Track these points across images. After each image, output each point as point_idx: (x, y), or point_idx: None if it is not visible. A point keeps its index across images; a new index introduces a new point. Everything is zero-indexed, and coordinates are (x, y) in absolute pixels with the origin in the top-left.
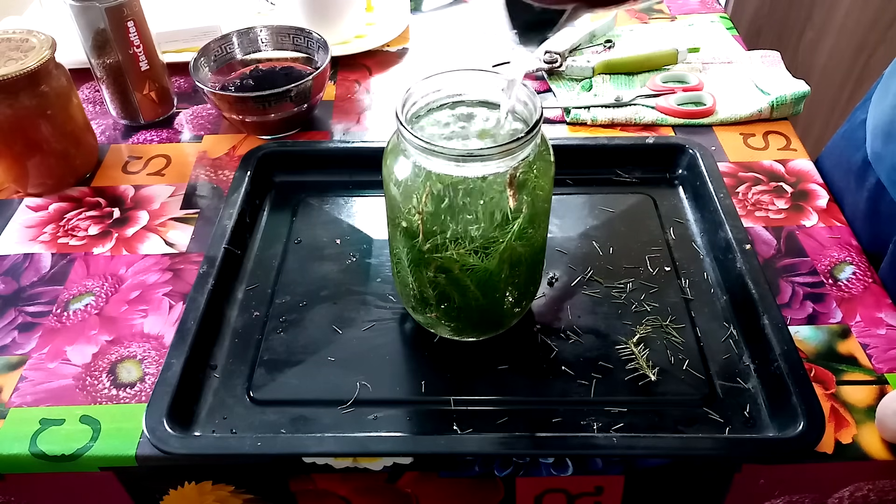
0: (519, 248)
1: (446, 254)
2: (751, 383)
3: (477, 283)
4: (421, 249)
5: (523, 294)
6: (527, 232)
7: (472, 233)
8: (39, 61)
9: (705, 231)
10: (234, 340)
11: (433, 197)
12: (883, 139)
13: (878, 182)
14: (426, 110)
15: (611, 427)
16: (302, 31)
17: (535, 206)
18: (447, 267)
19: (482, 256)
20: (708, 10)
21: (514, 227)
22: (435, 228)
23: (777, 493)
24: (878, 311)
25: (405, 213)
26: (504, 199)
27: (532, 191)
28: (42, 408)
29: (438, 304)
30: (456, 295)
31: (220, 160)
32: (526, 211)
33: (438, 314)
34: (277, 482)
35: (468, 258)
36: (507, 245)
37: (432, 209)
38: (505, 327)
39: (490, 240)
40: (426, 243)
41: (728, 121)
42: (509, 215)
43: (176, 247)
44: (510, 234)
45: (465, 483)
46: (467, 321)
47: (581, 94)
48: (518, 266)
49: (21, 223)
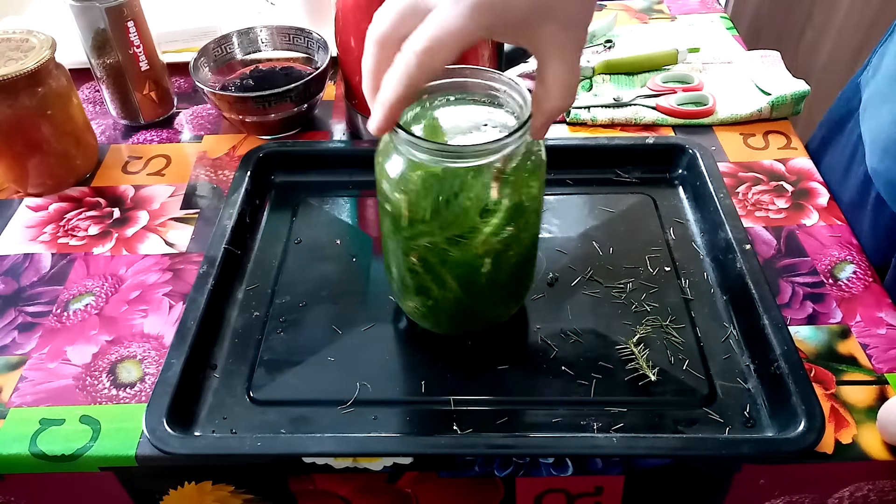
0: (497, 244)
1: (421, 241)
2: (751, 383)
3: (453, 275)
4: (402, 235)
5: (507, 295)
6: (505, 228)
7: (450, 223)
8: (39, 61)
9: (705, 231)
10: (234, 340)
11: (416, 182)
12: (879, 156)
13: (878, 196)
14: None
15: (611, 427)
16: (302, 31)
17: (518, 204)
18: (423, 255)
19: (459, 248)
20: (708, 10)
21: (491, 221)
22: (417, 215)
23: (777, 493)
24: (879, 311)
25: (389, 196)
26: (486, 194)
27: (515, 188)
28: (42, 408)
29: (416, 293)
30: (434, 286)
31: (220, 160)
32: (506, 206)
33: (416, 304)
34: (277, 482)
35: (444, 246)
36: (484, 239)
37: (415, 194)
38: (480, 327)
39: (467, 231)
40: (407, 230)
41: (728, 121)
42: (490, 207)
43: (176, 247)
44: (488, 227)
45: (465, 483)
46: (444, 314)
47: (581, 94)
48: (499, 264)
49: (21, 223)
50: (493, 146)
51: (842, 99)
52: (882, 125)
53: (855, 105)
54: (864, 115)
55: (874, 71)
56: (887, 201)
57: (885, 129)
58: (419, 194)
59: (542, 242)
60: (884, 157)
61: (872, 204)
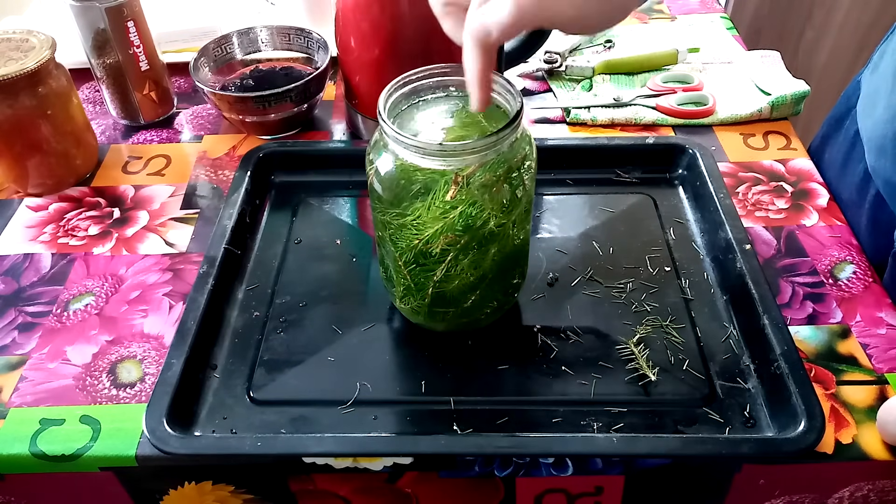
0: (463, 238)
1: (389, 231)
2: (751, 383)
3: (415, 264)
4: (388, 231)
5: (489, 294)
6: (474, 224)
7: (423, 216)
8: (39, 61)
9: (705, 231)
10: (234, 340)
11: (398, 177)
12: (876, 153)
13: (877, 193)
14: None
15: (611, 427)
16: (302, 31)
17: (493, 203)
18: (400, 245)
19: (428, 240)
20: (708, 10)
21: (456, 214)
22: (396, 204)
23: (777, 493)
24: (879, 311)
25: (372, 181)
26: (469, 191)
27: (494, 186)
28: (42, 408)
29: (404, 288)
30: (408, 276)
31: (220, 160)
32: (480, 203)
33: (399, 294)
34: (277, 482)
35: (411, 233)
36: (457, 236)
37: (397, 188)
38: (450, 326)
39: (438, 223)
40: (386, 215)
41: (728, 121)
42: (461, 199)
43: (176, 247)
44: (452, 220)
45: (465, 483)
46: (423, 308)
47: (581, 94)
48: (477, 258)
49: (21, 223)
50: (475, 145)
51: (843, 96)
52: (878, 123)
53: (854, 102)
54: (861, 113)
55: (873, 68)
56: (886, 199)
57: (880, 127)
58: (402, 189)
59: (542, 242)
60: (880, 155)
61: (871, 201)
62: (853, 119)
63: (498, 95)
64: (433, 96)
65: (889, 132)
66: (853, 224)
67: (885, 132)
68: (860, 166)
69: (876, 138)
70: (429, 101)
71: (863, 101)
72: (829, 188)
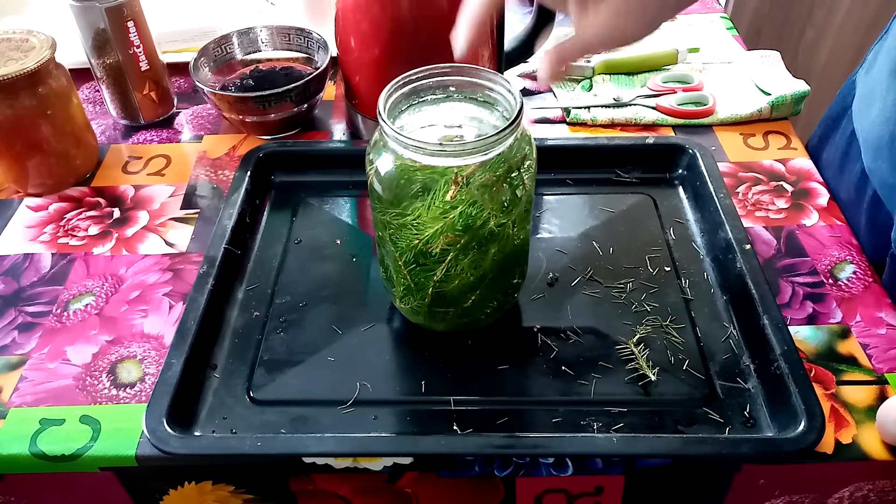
0: (463, 238)
1: (389, 231)
2: (751, 383)
3: (415, 264)
4: (388, 231)
5: (489, 294)
6: (474, 223)
7: (423, 216)
8: (39, 61)
9: (705, 231)
10: (234, 340)
11: (398, 176)
12: (872, 155)
13: (874, 193)
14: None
15: (611, 427)
16: (302, 31)
17: (493, 203)
18: (400, 245)
19: (428, 240)
20: (708, 10)
21: (456, 214)
22: (396, 204)
23: (777, 493)
24: (879, 311)
25: (372, 181)
26: (469, 191)
27: (494, 186)
28: (42, 408)
29: (404, 288)
30: (408, 276)
31: (220, 160)
32: (480, 203)
33: (399, 294)
34: (277, 482)
35: (411, 233)
36: (453, 235)
37: (397, 188)
38: (450, 326)
39: (438, 223)
40: (386, 215)
41: (728, 121)
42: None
43: (176, 247)
44: (452, 220)
45: (465, 483)
46: (423, 308)
47: (581, 94)
48: (477, 258)
49: (21, 223)
50: (475, 145)
51: (839, 95)
52: (874, 125)
53: (850, 102)
54: (857, 113)
55: (868, 68)
56: (883, 200)
57: (876, 128)
58: (401, 188)
59: (542, 242)
60: (876, 157)
61: (868, 201)
62: (849, 119)
63: (498, 95)
64: (433, 96)
65: (885, 134)
66: (852, 224)
67: (881, 134)
68: (857, 166)
69: (872, 140)
70: (429, 102)
71: (858, 102)
72: (828, 188)
